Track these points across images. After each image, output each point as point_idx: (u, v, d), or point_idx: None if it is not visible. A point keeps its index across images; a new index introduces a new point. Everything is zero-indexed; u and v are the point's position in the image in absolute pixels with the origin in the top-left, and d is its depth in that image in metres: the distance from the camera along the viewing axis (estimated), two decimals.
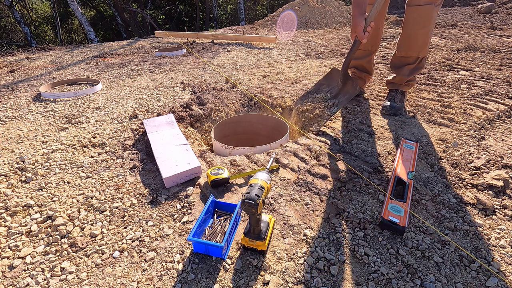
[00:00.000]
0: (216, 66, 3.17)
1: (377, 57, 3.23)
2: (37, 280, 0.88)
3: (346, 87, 1.68)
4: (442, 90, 2.16)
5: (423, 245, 0.94)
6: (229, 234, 0.94)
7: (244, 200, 0.81)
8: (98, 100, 2.28)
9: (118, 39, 8.65)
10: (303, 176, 1.29)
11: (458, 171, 1.30)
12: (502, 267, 0.87)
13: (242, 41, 4.67)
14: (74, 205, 1.17)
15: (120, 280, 0.87)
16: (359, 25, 1.42)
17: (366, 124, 1.73)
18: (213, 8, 12.50)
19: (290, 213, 1.09)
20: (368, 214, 1.07)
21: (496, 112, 1.77)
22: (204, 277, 0.86)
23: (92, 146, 1.61)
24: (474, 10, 6.62)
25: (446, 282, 0.84)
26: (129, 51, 4.33)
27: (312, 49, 3.90)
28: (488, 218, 1.06)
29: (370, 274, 0.86)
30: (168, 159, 1.35)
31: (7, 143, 1.66)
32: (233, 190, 1.23)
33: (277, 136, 1.99)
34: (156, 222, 1.08)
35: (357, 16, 1.43)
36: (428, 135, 1.59)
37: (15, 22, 10.31)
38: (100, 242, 1.00)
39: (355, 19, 1.44)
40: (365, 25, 1.43)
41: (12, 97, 2.41)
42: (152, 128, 1.65)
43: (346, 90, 1.68)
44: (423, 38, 1.71)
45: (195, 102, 2.15)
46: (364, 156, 1.41)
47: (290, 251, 0.94)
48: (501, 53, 2.97)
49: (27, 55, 4.39)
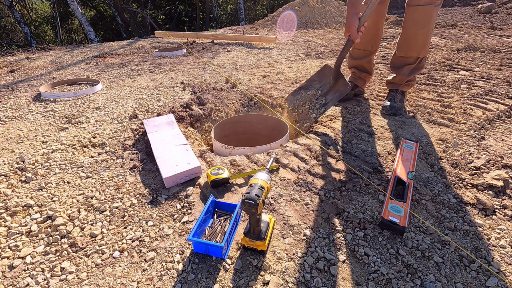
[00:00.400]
0: (216, 66, 3.17)
1: (377, 57, 3.23)
2: (37, 280, 0.88)
3: (338, 85, 1.71)
4: (442, 90, 2.16)
5: (423, 245, 0.94)
6: (229, 234, 0.94)
7: (244, 200, 0.81)
8: (98, 100, 2.28)
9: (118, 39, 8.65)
10: (303, 176, 1.29)
11: (458, 171, 1.30)
12: (502, 267, 0.87)
13: (242, 41, 4.67)
14: (74, 205, 1.17)
15: (120, 280, 0.87)
16: (353, 25, 1.45)
17: (366, 124, 1.73)
18: (213, 8, 12.50)
19: (290, 213, 1.09)
20: (368, 214, 1.07)
21: (496, 112, 1.77)
22: (204, 277, 0.86)
23: (92, 146, 1.61)
24: (474, 10, 6.62)
25: (446, 282, 0.84)
26: (129, 51, 4.33)
27: (312, 49, 3.90)
28: (488, 218, 1.06)
29: (370, 274, 0.86)
30: (168, 159, 1.36)
31: (7, 143, 1.66)
32: (233, 190, 1.23)
33: (277, 136, 1.99)
34: (156, 222, 1.08)
35: (351, 15, 1.45)
36: (428, 135, 1.59)
37: (15, 22, 10.31)
38: (100, 242, 1.00)
39: (349, 19, 1.46)
40: (359, 25, 1.45)
41: (12, 97, 2.41)
42: (152, 128, 1.65)
43: (337, 88, 1.72)
44: (423, 38, 1.71)
45: (195, 102, 2.15)
46: (364, 156, 1.42)
47: (290, 251, 0.94)
48: (501, 53, 2.97)
49: (27, 55, 4.39)
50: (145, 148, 1.57)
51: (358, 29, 1.46)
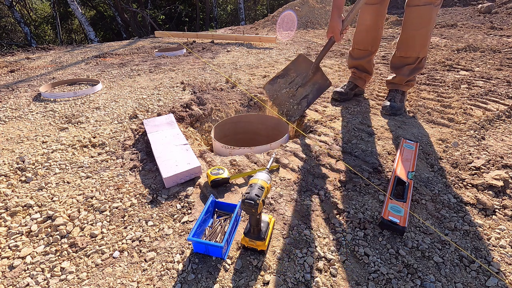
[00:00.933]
0: (216, 66, 3.17)
1: (377, 57, 3.23)
2: (37, 280, 0.88)
3: (316, 77, 1.80)
4: (442, 90, 2.16)
5: (423, 245, 0.94)
6: (229, 234, 0.94)
7: (244, 200, 0.81)
8: (98, 100, 2.28)
9: (118, 39, 8.64)
10: (303, 176, 1.29)
11: (458, 171, 1.30)
12: (502, 267, 0.87)
13: (242, 41, 4.67)
14: (74, 205, 1.17)
15: (120, 280, 0.87)
16: (336, 27, 1.54)
17: (366, 124, 1.73)
18: (213, 8, 12.50)
19: (290, 213, 1.09)
20: (368, 214, 1.07)
21: (496, 112, 1.77)
22: (204, 277, 0.86)
23: (92, 146, 1.61)
24: (474, 10, 6.62)
25: (446, 282, 0.84)
26: (129, 51, 4.33)
27: (312, 49, 3.90)
28: (488, 218, 1.06)
29: (370, 274, 0.86)
30: (168, 159, 1.36)
31: (7, 143, 1.66)
32: (233, 190, 1.24)
33: (277, 136, 1.99)
34: (156, 222, 1.08)
35: (335, 18, 1.54)
36: (428, 135, 1.59)
37: (15, 22, 10.31)
38: (100, 242, 1.00)
39: (333, 21, 1.55)
40: (342, 27, 1.55)
41: (12, 97, 2.41)
42: (152, 128, 1.65)
43: (315, 80, 1.80)
44: (422, 38, 1.71)
45: (195, 102, 2.15)
46: (364, 156, 1.42)
47: (290, 251, 0.94)
48: (501, 53, 2.97)
49: (27, 55, 4.39)
50: (145, 148, 1.57)
51: (341, 31, 1.55)
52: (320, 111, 1.95)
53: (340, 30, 1.55)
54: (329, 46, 1.64)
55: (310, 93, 1.80)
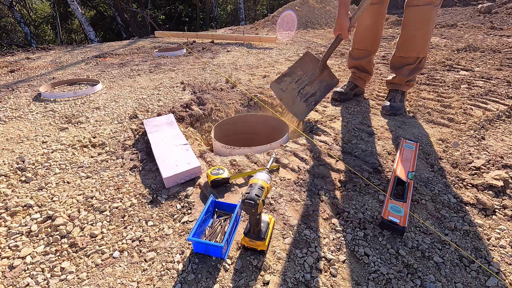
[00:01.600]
0: (216, 66, 3.17)
1: (377, 57, 3.23)
2: (37, 280, 0.88)
3: (323, 75, 1.78)
4: (442, 90, 2.16)
5: (423, 245, 0.94)
6: (229, 234, 0.94)
7: (244, 200, 0.81)
8: (98, 100, 2.28)
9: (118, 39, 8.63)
10: (303, 176, 1.29)
11: (458, 171, 1.30)
12: (502, 267, 0.87)
13: (242, 41, 4.67)
14: (74, 205, 1.17)
15: (120, 280, 0.87)
16: (344, 25, 1.55)
17: (366, 124, 1.73)
18: (213, 8, 12.50)
19: (290, 213, 1.09)
20: (368, 214, 1.07)
21: (496, 112, 1.77)
22: (204, 277, 0.86)
23: (92, 146, 1.61)
24: (474, 10, 6.62)
25: (446, 282, 0.84)
26: (129, 51, 4.32)
27: (312, 49, 3.90)
28: (488, 218, 1.06)
29: (370, 274, 0.86)
30: (168, 159, 1.36)
31: (7, 143, 1.66)
32: (233, 190, 1.24)
33: (277, 136, 1.99)
34: (156, 222, 1.08)
35: (343, 15, 1.56)
36: (428, 135, 1.59)
37: (15, 22, 10.31)
38: (100, 242, 1.00)
39: (341, 18, 1.56)
40: (350, 24, 1.55)
41: (12, 97, 2.41)
42: (152, 128, 1.65)
43: (322, 78, 1.78)
44: (422, 38, 1.71)
45: (195, 102, 2.15)
46: (364, 156, 1.42)
47: (290, 251, 0.94)
48: (501, 53, 2.97)
49: (27, 55, 4.39)
50: (145, 148, 1.57)
51: (348, 28, 1.56)
52: (320, 111, 1.95)
53: (347, 28, 1.55)
54: (337, 43, 1.64)
55: (317, 91, 1.76)
